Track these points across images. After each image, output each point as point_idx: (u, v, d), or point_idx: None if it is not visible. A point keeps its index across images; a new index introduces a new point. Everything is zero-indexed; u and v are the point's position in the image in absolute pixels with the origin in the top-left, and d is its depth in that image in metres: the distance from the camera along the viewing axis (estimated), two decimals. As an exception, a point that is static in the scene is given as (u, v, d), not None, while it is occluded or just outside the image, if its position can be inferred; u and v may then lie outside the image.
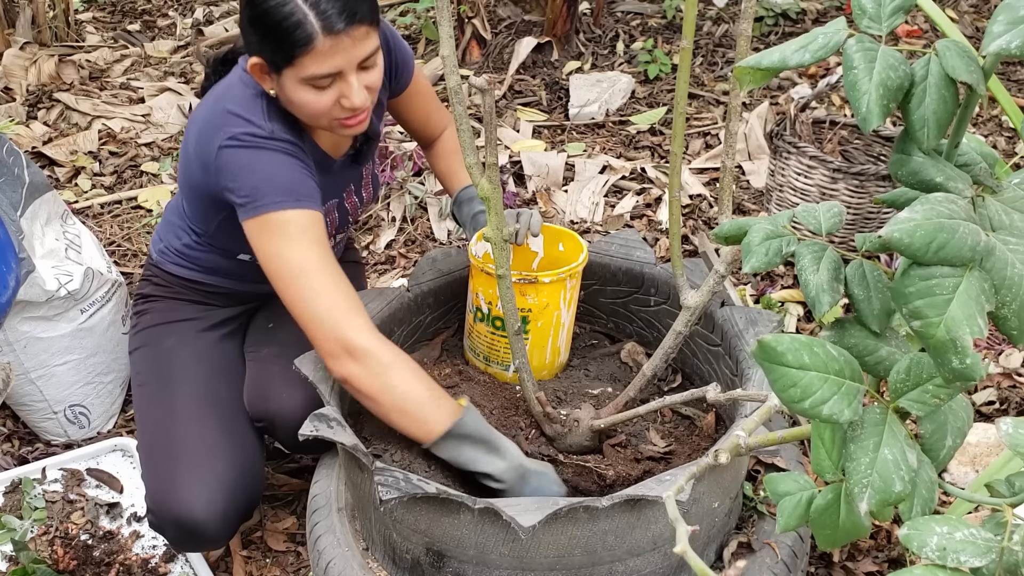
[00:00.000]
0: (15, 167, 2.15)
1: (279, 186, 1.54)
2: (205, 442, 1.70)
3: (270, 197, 1.52)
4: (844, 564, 1.80)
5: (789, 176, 2.68)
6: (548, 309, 1.74)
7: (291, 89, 1.52)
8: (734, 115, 1.37)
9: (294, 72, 1.49)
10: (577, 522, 1.34)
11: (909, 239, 0.72)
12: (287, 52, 1.47)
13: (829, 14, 4.46)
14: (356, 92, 1.52)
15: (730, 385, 1.64)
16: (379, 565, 1.53)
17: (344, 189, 1.81)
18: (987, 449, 1.91)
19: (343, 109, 1.54)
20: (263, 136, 1.55)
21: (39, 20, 4.28)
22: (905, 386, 0.79)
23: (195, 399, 1.76)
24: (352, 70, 1.51)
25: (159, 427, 1.74)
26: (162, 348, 1.85)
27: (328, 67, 1.48)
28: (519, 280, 1.69)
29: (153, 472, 1.70)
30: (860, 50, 0.79)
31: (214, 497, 1.64)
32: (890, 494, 0.75)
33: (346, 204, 1.84)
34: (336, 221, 1.83)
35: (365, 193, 1.88)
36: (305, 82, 1.50)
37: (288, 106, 1.58)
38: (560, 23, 4.04)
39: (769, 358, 0.78)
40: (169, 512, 1.64)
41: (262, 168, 1.54)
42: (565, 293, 1.74)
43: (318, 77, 1.49)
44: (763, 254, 0.88)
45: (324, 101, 1.52)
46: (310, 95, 1.51)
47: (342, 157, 1.77)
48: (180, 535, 1.67)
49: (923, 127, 0.79)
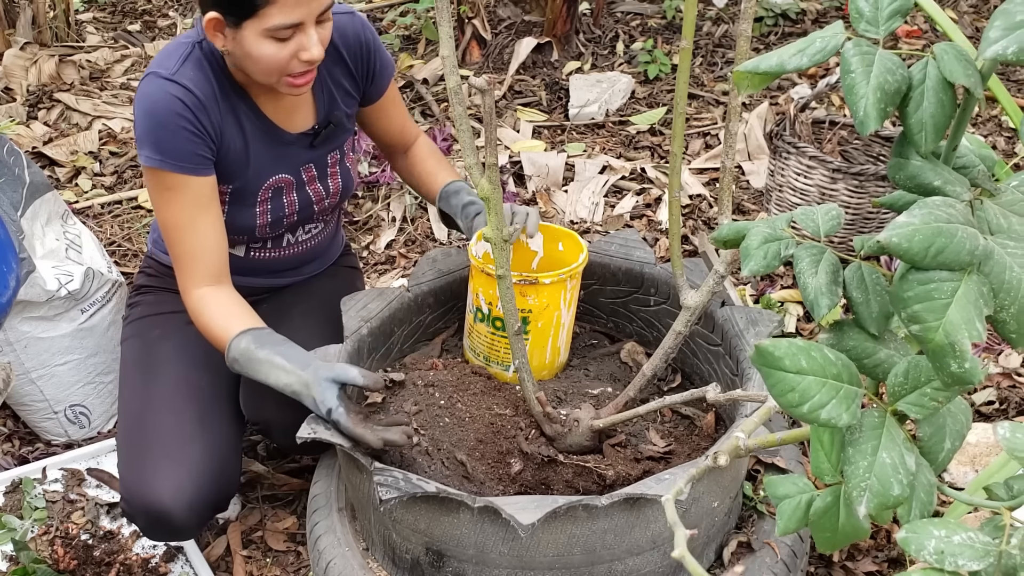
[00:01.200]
0: (15, 167, 2.15)
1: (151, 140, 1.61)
2: (179, 432, 1.70)
3: (143, 149, 1.62)
4: (844, 564, 1.80)
5: (789, 176, 2.68)
6: (548, 310, 1.74)
7: (251, 42, 1.55)
8: (734, 115, 1.37)
9: (256, 24, 1.52)
10: (576, 521, 1.34)
11: (907, 243, 0.72)
12: (251, 2, 1.50)
13: (829, 14, 4.46)
14: (315, 44, 1.57)
15: (730, 385, 1.65)
16: (379, 565, 1.54)
17: (300, 167, 1.81)
18: (986, 449, 1.92)
19: (299, 63, 1.58)
20: (164, 77, 1.61)
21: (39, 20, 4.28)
22: (903, 389, 0.79)
23: (173, 390, 1.77)
24: (312, 22, 1.55)
25: (135, 416, 1.75)
26: (147, 339, 1.86)
27: (292, 17, 1.52)
28: (519, 281, 1.69)
29: (126, 460, 1.71)
30: (858, 54, 0.79)
31: (182, 486, 1.64)
32: (888, 498, 0.75)
33: (308, 189, 1.83)
34: (296, 204, 1.83)
35: (332, 184, 1.87)
36: (267, 33, 1.53)
37: (244, 62, 1.60)
38: (560, 23, 4.04)
39: (767, 363, 0.79)
40: (139, 500, 1.65)
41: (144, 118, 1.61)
42: (565, 294, 1.74)
43: (282, 28, 1.53)
44: (762, 257, 0.88)
45: (283, 54, 1.56)
46: (270, 47, 1.55)
47: (297, 134, 1.77)
48: (149, 523, 1.67)
49: (921, 131, 0.79)
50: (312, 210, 1.87)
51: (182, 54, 1.64)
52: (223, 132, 1.66)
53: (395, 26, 4.43)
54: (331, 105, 1.80)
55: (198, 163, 1.62)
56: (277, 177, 1.78)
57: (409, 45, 4.30)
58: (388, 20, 4.45)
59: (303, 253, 1.95)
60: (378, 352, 1.78)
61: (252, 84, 1.68)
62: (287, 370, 1.55)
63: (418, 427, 1.62)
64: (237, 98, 1.69)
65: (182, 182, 1.62)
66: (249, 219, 1.78)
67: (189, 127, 1.60)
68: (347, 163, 1.90)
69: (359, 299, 1.78)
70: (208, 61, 1.65)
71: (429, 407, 1.66)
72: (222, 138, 1.67)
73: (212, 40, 1.59)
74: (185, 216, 1.64)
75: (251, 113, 1.71)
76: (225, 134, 1.67)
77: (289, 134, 1.76)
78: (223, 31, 1.57)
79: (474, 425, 1.65)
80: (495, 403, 1.72)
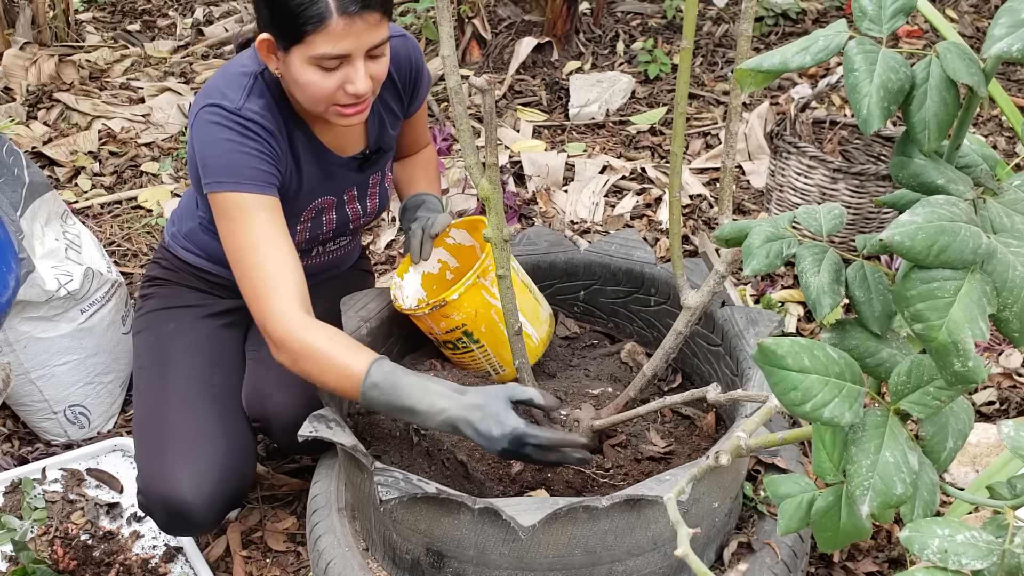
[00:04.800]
0: (15, 167, 2.15)
1: (223, 166, 1.57)
2: (197, 426, 1.70)
3: (214, 176, 1.57)
4: (844, 564, 1.80)
5: (789, 176, 2.68)
6: (480, 314, 1.69)
7: (297, 68, 1.52)
8: (734, 115, 1.37)
9: (303, 50, 1.50)
10: (577, 522, 1.34)
11: (910, 242, 0.72)
12: (299, 28, 1.48)
13: (829, 14, 4.46)
14: (361, 78, 1.53)
15: (730, 385, 1.64)
16: (379, 565, 1.53)
17: (345, 191, 1.81)
18: (987, 449, 1.91)
19: (346, 95, 1.55)
20: (228, 111, 1.57)
21: (39, 20, 4.28)
22: (906, 388, 0.79)
23: (190, 384, 1.77)
24: (360, 55, 1.52)
25: (152, 410, 1.75)
26: (162, 333, 1.86)
27: (339, 48, 1.49)
28: (431, 311, 1.66)
29: (144, 454, 1.71)
30: (861, 52, 0.79)
31: (203, 480, 1.64)
32: (891, 496, 0.74)
33: (347, 209, 1.83)
34: (333, 223, 1.83)
35: (370, 203, 1.87)
36: (313, 61, 1.50)
37: (292, 87, 1.58)
38: (560, 23, 4.04)
39: (769, 361, 0.78)
40: (157, 494, 1.65)
41: (214, 145, 1.58)
42: (487, 290, 1.67)
43: (327, 57, 1.49)
44: (764, 256, 0.88)
45: (329, 84, 1.53)
46: (316, 76, 1.52)
47: (347, 158, 1.77)
48: (168, 518, 1.67)
49: (924, 129, 0.79)
50: (348, 227, 1.87)
51: (246, 85, 1.60)
52: (285, 157, 1.66)
53: (395, 26, 4.43)
54: (381, 130, 1.80)
55: (271, 183, 1.60)
56: (322, 199, 1.78)
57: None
58: (388, 20, 4.45)
59: (327, 263, 1.96)
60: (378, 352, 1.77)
61: (306, 110, 1.66)
62: (444, 395, 1.42)
63: (418, 427, 1.62)
64: (294, 124, 1.67)
65: (258, 203, 1.57)
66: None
67: (263, 150, 1.58)
68: (386, 184, 1.90)
69: (358, 299, 1.77)
70: (270, 91, 1.62)
71: (429, 407, 1.65)
72: (284, 163, 1.66)
73: (266, 61, 1.58)
74: (263, 238, 1.57)
75: (306, 138, 1.69)
76: (286, 159, 1.66)
77: (339, 157, 1.75)
78: (276, 53, 1.55)
79: (474, 425, 1.65)
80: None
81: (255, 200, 1.57)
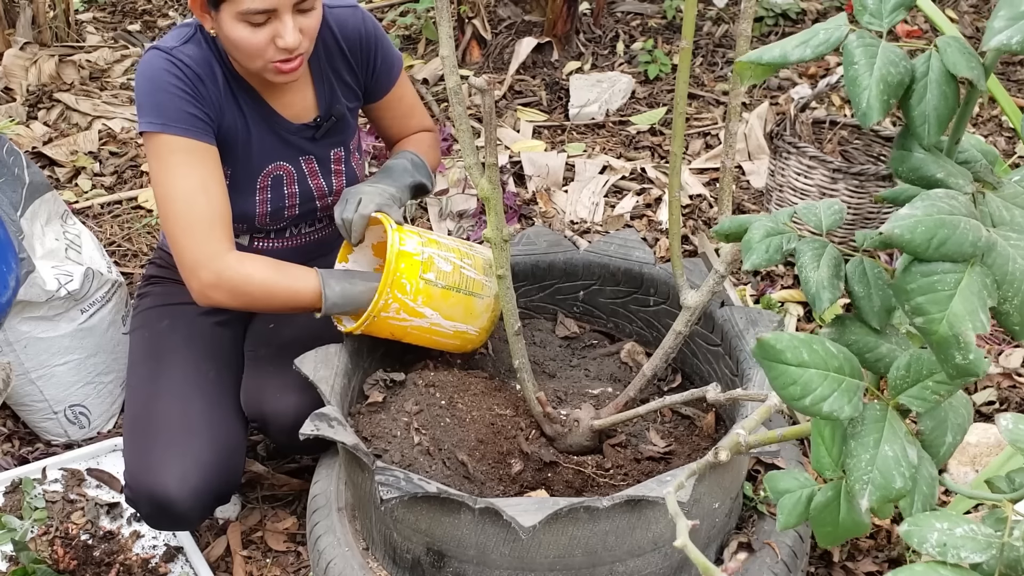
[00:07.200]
0: (15, 167, 2.15)
1: (151, 104, 1.61)
2: (185, 421, 1.71)
3: (144, 115, 1.61)
4: (844, 564, 1.80)
5: (789, 176, 2.68)
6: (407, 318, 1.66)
7: (228, 25, 1.56)
8: (734, 115, 1.37)
9: (231, 6, 1.53)
10: (578, 522, 1.34)
11: (910, 235, 0.72)
12: None
13: (829, 14, 4.46)
14: (290, 31, 1.56)
15: (730, 385, 1.64)
16: (379, 565, 1.53)
17: (303, 160, 1.81)
18: (987, 449, 1.91)
19: (277, 50, 1.58)
20: (162, 50, 1.62)
21: (39, 20, 4.28)
22: (905, 383, 0.79)
23: (181, 379, 1.77)
24: (287, 9, 1.55)
25: (143, 405, 1.76)
26: (156, 329, 1.87)
27: (263, 2, 1.52)
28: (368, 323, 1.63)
29: (132, 447, 1.71)
30: (861, 46, 0.79)
31: (188, 475, 1.64)
32: (891, 491, 0.74)
33: (310, 183, 1.83)
34: (296, 197, 1.83)
35: (336, 181, 1.87)
36: (240, 17, 1.54)
37: (227, 47, 1.62)
38: (560, 23, 4.04)
39: (769, 356, 0.78)
40: (143, 487, 1.65)
41: (143, 83, 1.62)
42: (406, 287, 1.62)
43: (253, 12, 1.53)
44: (764, 251, 0.88)
45: (258, 39, 1.56)
46: (245, 31, 1.55)
47: (300, 125, 1.78)
48: (153, 511, 1.68)
49: (924, 123, 0.79)
50: (314, 205, 1.87)
51: (184, 35, 1.66)
52: (223, 110, 1.67)
53: (395, 26, 4.43)
54: (332, 98, 1.81)
55: (200, 127, 1.62)
56: (276, 164, 1.78)
57: (409, 45, 4.30)
58: (388, 20, 4.46)
59: (307, 245, 1.95)
60: (378, 351, 1.77)
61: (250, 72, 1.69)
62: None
63: (419, 427, 1.62)
64: (237, 83, 1.70)
65: (186, 146, 1.61)
66: (249, 207, 1.78)
67: (188, 91, 1.61)
68: (353, 164, 1.89)
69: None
70: (209, 44, 1.66)
71: (430, 407, 1.65)
72: (222, 115, 1.67)
73: (200, 21, 1.62)
74: (194, 182, 1.60)
75: (251, 98, 1.72)
76: (225, 113, 1.68)
77: (291, 124, 1.77)
78: (209, 12, 1.58)
79: (475, 425, 1.65)
80: (495, 403, 1.71)
81: (183, 144, 1.60)
